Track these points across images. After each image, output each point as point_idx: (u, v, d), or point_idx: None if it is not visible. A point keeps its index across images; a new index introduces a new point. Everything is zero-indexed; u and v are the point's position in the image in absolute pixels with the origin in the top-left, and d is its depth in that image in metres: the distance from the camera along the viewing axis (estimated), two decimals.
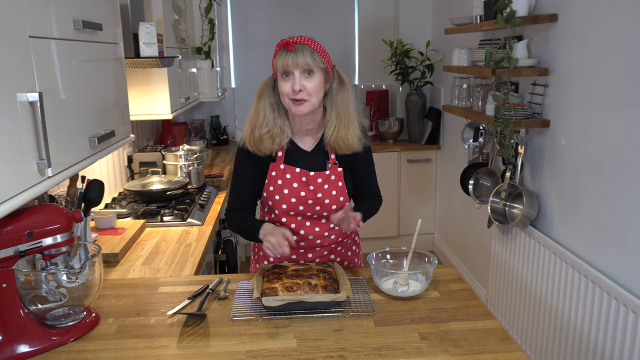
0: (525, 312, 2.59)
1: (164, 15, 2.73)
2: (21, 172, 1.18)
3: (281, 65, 1.57)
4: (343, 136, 1.65)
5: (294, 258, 1.79)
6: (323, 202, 1.70)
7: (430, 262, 1.64)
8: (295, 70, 1.56)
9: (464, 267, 3.74)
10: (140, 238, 2.18)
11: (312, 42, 1.60)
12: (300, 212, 1.71)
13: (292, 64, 1.55)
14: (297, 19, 4.44)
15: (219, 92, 4.02)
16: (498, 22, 2.38)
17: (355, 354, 1.28)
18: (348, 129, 1.65)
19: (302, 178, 1.70)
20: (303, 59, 1.55)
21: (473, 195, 2.97)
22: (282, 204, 1.70)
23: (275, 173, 1.70)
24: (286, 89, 1.58)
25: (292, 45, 1.55)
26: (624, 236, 1.94)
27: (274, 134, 1.66)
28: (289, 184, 1.70)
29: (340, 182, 1.72)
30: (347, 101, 1.66)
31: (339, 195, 1.72)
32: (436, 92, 4.18)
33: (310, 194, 1.70)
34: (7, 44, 1.13)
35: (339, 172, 1.72)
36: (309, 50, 1.57)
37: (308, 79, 1.58)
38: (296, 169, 1.70)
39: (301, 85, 1.57)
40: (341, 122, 1.65)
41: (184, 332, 1.39)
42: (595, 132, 2.09)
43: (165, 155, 2.90)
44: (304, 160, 1.71)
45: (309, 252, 1.79)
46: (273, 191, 1.70)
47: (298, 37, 1.59)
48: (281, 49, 1.58)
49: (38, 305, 1.36)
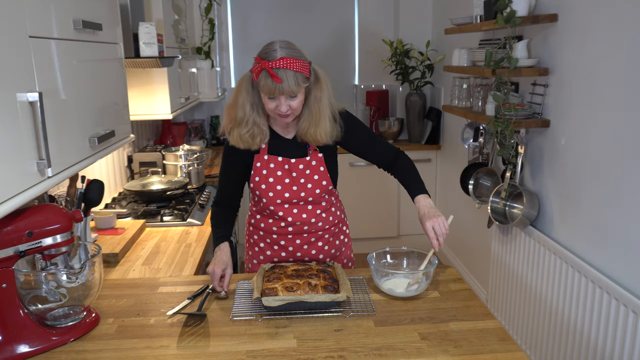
0: (525, 312, 2.59)
1: (164, 15, 2.73)
2: (21, 172, 1.18)
3: (267, 91, 1.58)
4: (312, 133, 1.70)
5: (282, 244, 1.83)
6: (306, 187, 1.76)
7: (430, 262, 1.64)
8: (281, 96, 1.59)
9: (464, 267, 3.74)
10: (140, 238, 2.18)
11: (294, 62, 1.56)
12: (286, 199, 1.76)
13: (278, 93, 1.57)
14: (297, 19, 4.44)
15: (219, 92, 4.01)
16: (498, 22, 2.38)
17: (355, 354, 1.28)
18: (317, 126, 1.69)
19: (285, 166, 1.75)
20: (288, 88, 1.56)
21: (473, 195, 2.97)
22: (269, 192, 1.75)
23: (260, 164, 1.76)
24: (271, 106, 1.62)
25: (278, 79, 1.54)
26: (624, 236, 1.94)
27: (254, 133, 1.70)
28: (273, 173, 1.75)
29: (322, 167, 1.77)
30: (320, 97, 1.68)
31: (321, 180, 1.77)
32: (436, 92, 4.18)
33: (294, 180, 1.75)
34: (7, 44, 1.13)
35: (319, 157, 1.77)
36: (293, 78, 1.56)
37: (293, 99, 1.61)
38: (278, 158, 1.75)
39: (287, 106, 1.60)
40: (312, 118, 1.69)
41: (184, 332, 1.39)
42: (595, 132, 2.09)
43: (165, 155, 2.90)
44: (285, 148, 1.76)
45: (297, 238, 1.82)
46: (259, 181, 1.76)
47: (280, 59, 1.54)
48: (264, 70, 1.56)
49: (38, 305, 1.36)
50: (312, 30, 4.47)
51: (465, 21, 2.98)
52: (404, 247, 1.76)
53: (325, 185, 1.78)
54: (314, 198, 1.78)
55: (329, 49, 4.49)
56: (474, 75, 3.10)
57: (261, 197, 1.77)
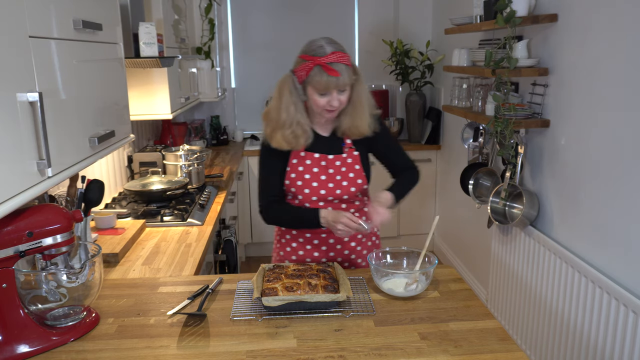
0: (525, 312, 2.59)
1: (164, 15, 2.73)
2: (21, 172, 1.18)
3: (322, 87, 1.61)
4: (358, 124, 1.74)
5: (315, 243, 1.84)
6: (341, 184, 1.77)
7: (430, 262, 1.64)
8: (333, 91, 1.63)
9: (464, 267, 3.74)
10: (140, 238, 2.18)
11: (344, 56, 1.63)
12: (322, 197, 1.77)
13: (333, 87, 1.61)
14: (297, 19, 4.44)
15: (219, 92, 4.02)
16: (498, 22, 2.38)
17: (355, 354, 1.28)
18: (361, 119, 1.74)
19: (322, 162, 1.77)
20: (343, 81, 1.62)
21: (473, 195, 2.97)
22: (305, 189, 1.76)
23: (297, 160, 1.77)
24: (322, 103, 1.66)
25: (336, 72, 1.59)
26: (624, 236, 1.94)
27: (297, 134, 1.72)
28: (309, 169, 1.77)
29: (357, 165, 1.80)
30: (360, 91, 1.73)
31: (356, 178, 1.79)
32: (436, 92, 4.18)
33: (330, 177, 1.77)
34: (7, 43, 1.13)
35: (355, 155, 1.80)
36: (346, 71, 1.62)
37: (343, 93, 1.66)
38: (315, 154, 1.77)
39: (338, 100, 1.65)
40: (356, 112, 1.73)
41: (184, 332, 1.39)
42: (595, 132, 2.09)
43: (165, 155, 2.90)
44: (322, 145, 1.79)
45: (330, 238, 1.84)
46: (295, 178, 1.77)
47: (332, 54, 1.60)
48: (317, 66, 1.60)
49: (38, 305, 1.36)
50: (312, 30, 4.46)
51: (465, 21, 2.98)
52: (404, 247, 1.75)
53: (361, 184, 1.81)
54: (349, 196, 1.80)
55: None
56: (474, 75, 3.10)
57: (297, 194, 1.78)
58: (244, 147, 4.19)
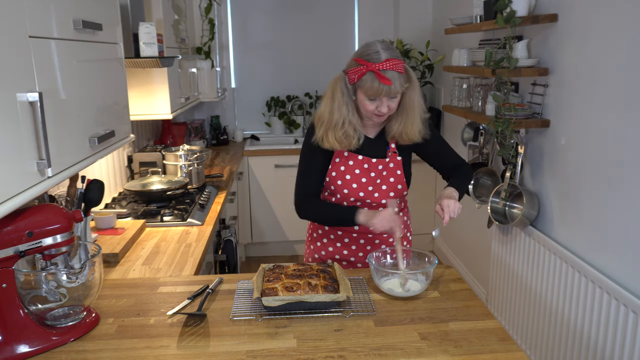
0: (525, 312, 2.59)
1: (164, 15, 2.73)
2: (21, 172, 1.18)
3: (372, 93, 1.60)
4: (408, 130, 1.73)
5: (346, 242, 1.85)
6: (381, 188, 1.77)
7: (430, 262, 1.64)
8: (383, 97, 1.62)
9: (464, 267, 3.74)
10: (140, 238, 2.18)
11: (398, 63, 1.60)
12: (360, 198, 1.78)
13: (384, 94, 1.60)
14: (297, 19, 4.44)
15: (219, 92, 4.02)
16: (498, 22, 2.38)
17: (355, 354, 1.28)
18: (413, 124, 1.73)
19: (365, 165, 1.77)
20: (395, 89, 1.60)
21: (473, 195, 2.97)
22: (344, 189, 1.77)
23: (339, 160, 1.77)
24: (371, 108, 1.65)
25: (388, 80, 1.57)
26: (623, 236, 1.94)
27: (349, 134, 1.71)
28: (351, 170, 1.77)
29: (399, 171, 1.79)
30: (413, 97, 1.71)
31: (397, 183, 1.79)
32: (436, 92, 4.18)
33: (370, 180, 1.77)
34: (7, 43, 1.13)
35: (397, 160, 1.79)
36: (398, 79, 1.60)
37: (393, 100, 1.65)
38: (359, 156, 1.77)
39: (387, 106, 1.64)
40: (407, 118, 1.72)
41: (184, 332, 1.39)
42: (595, 132, 2.09)
43: (165, 155, 2.90)
44: (367, 147, 1.78)
45: (361, 238, 1.85)
46: (336, 176, 1.77)
47: (386, 61, 1.58)
48: (370, 72, 1.58)
49: (38, 305, 1.36)
50: (312, 30, 4.47)
51: (465, 21, 2.98)
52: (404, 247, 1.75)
53: (400, 189, 1.80)
54: (387, 201, 1.78)
55: (329, 50, 4.48)
56: (474, 75, 3.10)
57: (335, 192, 1.79)
58: (244, 147, 4.19)
